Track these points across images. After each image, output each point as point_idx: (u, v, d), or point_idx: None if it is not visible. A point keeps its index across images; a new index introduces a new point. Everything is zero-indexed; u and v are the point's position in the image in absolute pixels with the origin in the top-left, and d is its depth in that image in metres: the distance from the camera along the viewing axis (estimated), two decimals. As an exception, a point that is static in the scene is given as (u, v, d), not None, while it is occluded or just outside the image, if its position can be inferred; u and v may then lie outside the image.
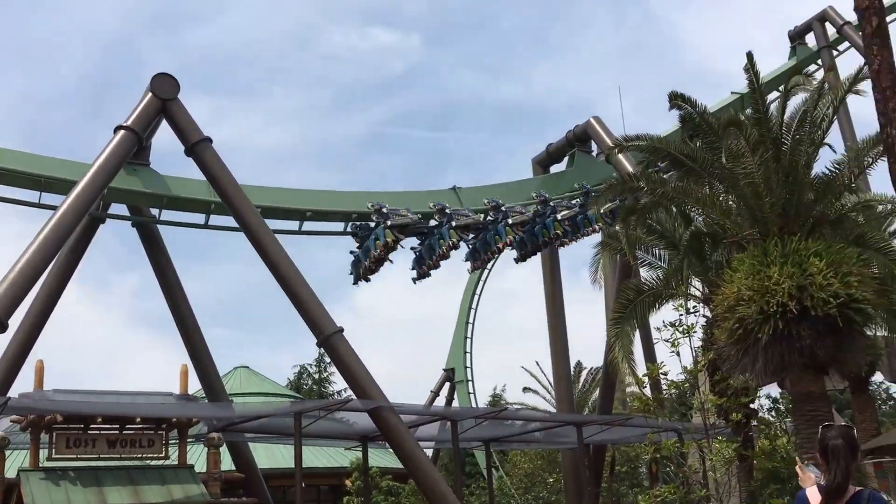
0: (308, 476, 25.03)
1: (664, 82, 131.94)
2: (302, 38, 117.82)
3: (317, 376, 59.17)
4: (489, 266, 37.43)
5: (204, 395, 24.43)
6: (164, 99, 20.87)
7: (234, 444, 23.32)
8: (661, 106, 16.14)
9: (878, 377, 34.97)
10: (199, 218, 24.52)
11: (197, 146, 20.85)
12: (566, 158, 32.50)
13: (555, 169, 33.00)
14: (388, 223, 22.53)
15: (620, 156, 25.49)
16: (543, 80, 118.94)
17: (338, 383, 56.57)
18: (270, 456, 30.07)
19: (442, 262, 23.77)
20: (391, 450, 22.12)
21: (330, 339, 19.79)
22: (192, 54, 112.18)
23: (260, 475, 23.89)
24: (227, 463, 22.71)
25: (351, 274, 23.87)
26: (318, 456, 31.93)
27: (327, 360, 51.14)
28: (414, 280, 24.12)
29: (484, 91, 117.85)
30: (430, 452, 33.49)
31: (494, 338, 77.96)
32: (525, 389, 48.10)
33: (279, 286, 20.17)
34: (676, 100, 16.69)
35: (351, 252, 23.81)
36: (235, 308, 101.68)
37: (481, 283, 43.86)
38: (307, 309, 19.94)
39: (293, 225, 25.67)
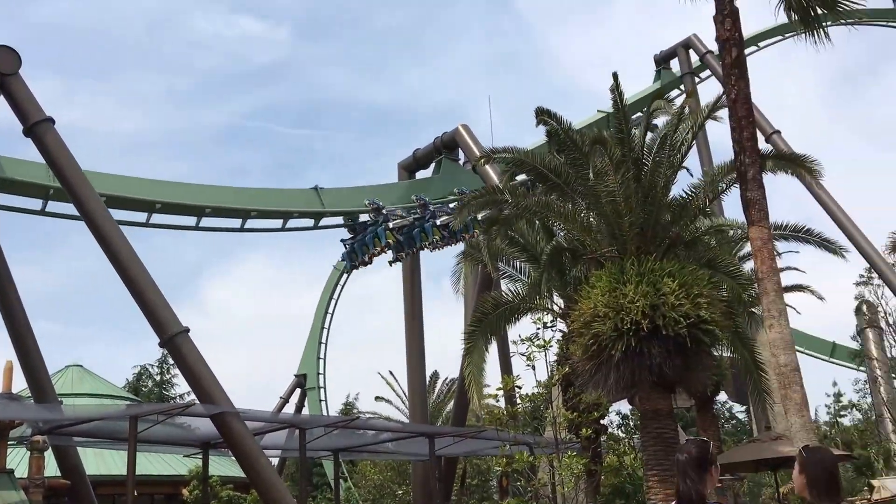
0: (142, 484, 23.70)
1: (535, 94, 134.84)
2: (164, 21, 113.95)
3: (158, 378, 56.63)
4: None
5: (30, 395, 22.70)
6: (3, 74, 19.29)
7: (62, 449, 21.73)
8: (530, 117, 16.41)
9: (722, 397, 36.41)
10: (35, 203, 22.89)
11: (37, 126, 19.31)
12: (433, 165, 32.34)
13: (421, 175, 32.80)
14: (391, 225, 23.84)
15: (487, 166, 25.45)
16: (414, 84, 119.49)
17: (181, 385, 54.38)
18: (101, 462, 28.34)
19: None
20: (234, 458, 21.13)
21: (174, 340, 18.67)
22: (41, 29, 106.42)
23: (88, 482, 22.35)
24: (52, 468, 21.20)
25: (343, 261, 26.18)
26: (154, 463, 30.33)
27: (171, 361, 49.06)
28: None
29: (353, 90, 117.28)
30: (276, 461, 32.49)
31: (350, 344, 77.21)
32: (378, 398, 47.55)
33: (121, 280, 18.92)
34: (543, 115, 16.64)
35: (342, 241, 25.61)
36: (71, 301, 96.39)
37: (339, 286, 43.11)
38: (150, 306, 18.75)
39: (141, 216, 24.36)
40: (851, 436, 37.25)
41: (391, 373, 46.01)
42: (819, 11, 16.32)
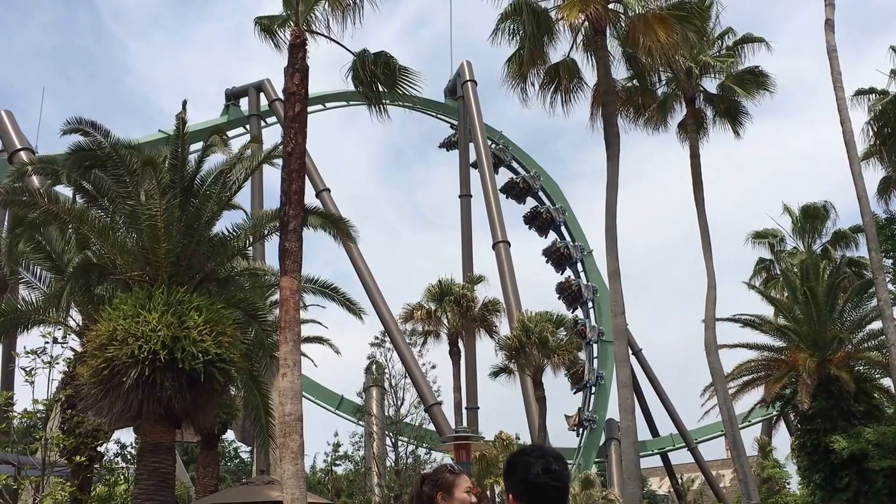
0: None
1: (101, 96, 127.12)
2: None
3: None
4: None
5: None
6: None
7: None
8: (96, 117, 15.30)
9: (229, 435, 36.79)
10: None
11: None
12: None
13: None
14: None
15: (26, 159, 23.38)
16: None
17: None
18: None
19: None
20: None
21: None
22: None
23: None
24: None
25: None
26: None
27: None
28: None
29: None
30: None
31: None
32: None
33: None
34: (83, 126, 15.73)
35: None
36: None
37: None
38: None
39: None
40: (342, 484, 39.85)
41: None
42: (380, 88, 17.74)
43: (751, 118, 28.39)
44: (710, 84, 28.34)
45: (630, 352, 29.07)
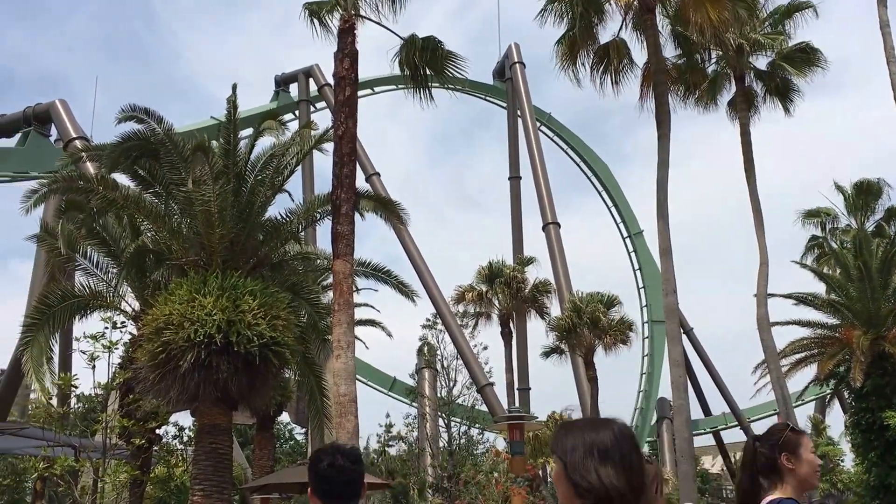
0: None
1: (152, 84, 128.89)
2: None
3: None
4: None
5: None
6: None
7: None
8: (147, 104, 15.57)
9: (284, 417, 37.29)
10: None
11: None
12: (19, 135, 29.44)
13: (2, 143, 29.71)
14: None
15: (80, 148, 23.77)
16: (12, 42, 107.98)
17: None
18: None
19: None
20: None
21: None
22: None
23: None
24: None
25: None
26: None
27: None
28: None
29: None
30: None
31: None
32: None
33: None
34: (137, 113, 15.93)
35: None
36: None
37: None
38: None
39: None
40: (395, 465, 40.14)
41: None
42: (427, 72, 17.71)
43: (801, 95, 27.96)
44: (761, 62, 27.92)
45: (681, 331, 28.81)
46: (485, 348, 37.79)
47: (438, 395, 37.53)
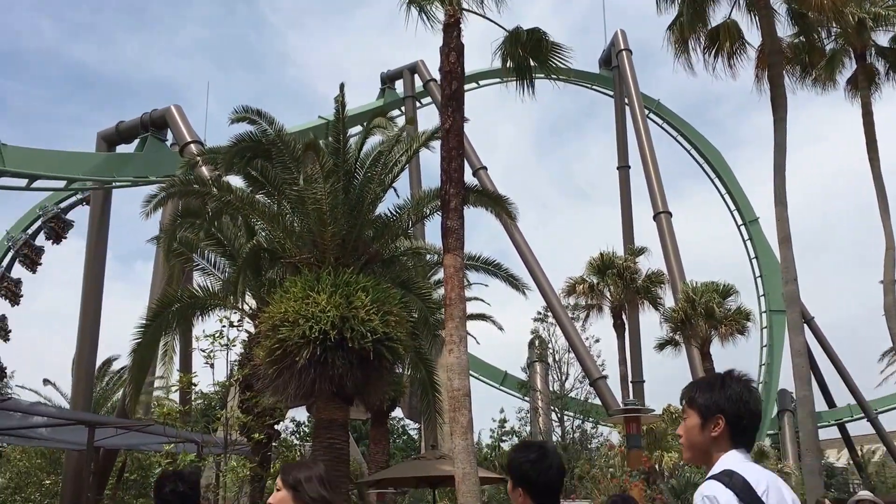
0: None
1: (260, 88, 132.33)
2: None
3: None
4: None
5: None
6: None
7: None
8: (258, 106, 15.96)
9: (397, 412, 37.67)
10: None
11: None
12: (137, 141, 30.55)
13: (122, 149, 30.86)
14: None
15: (195, 152, 24.47)
16: (129, 52, 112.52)
17: None
18: None
19: None
20: None
21: None
22: None
23: None
24: None
25: None
26: None
27: None
28: None
29: (56, 44, 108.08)
30: None
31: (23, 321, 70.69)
32: (46, 382, 43.79)
33: None
34: (249, 114, 16.24)
35: None
36: None
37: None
38: None
39: None
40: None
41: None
42: (532, 64, 17.47)
43: (928, 71, 26.52)
44: (882, 38, 26.56)
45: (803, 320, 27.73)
46: (597, 341, 37.36)
47: (551, 388, 37.21)
